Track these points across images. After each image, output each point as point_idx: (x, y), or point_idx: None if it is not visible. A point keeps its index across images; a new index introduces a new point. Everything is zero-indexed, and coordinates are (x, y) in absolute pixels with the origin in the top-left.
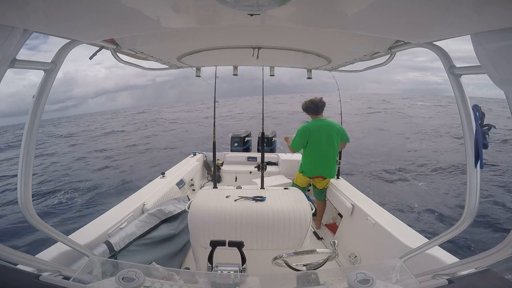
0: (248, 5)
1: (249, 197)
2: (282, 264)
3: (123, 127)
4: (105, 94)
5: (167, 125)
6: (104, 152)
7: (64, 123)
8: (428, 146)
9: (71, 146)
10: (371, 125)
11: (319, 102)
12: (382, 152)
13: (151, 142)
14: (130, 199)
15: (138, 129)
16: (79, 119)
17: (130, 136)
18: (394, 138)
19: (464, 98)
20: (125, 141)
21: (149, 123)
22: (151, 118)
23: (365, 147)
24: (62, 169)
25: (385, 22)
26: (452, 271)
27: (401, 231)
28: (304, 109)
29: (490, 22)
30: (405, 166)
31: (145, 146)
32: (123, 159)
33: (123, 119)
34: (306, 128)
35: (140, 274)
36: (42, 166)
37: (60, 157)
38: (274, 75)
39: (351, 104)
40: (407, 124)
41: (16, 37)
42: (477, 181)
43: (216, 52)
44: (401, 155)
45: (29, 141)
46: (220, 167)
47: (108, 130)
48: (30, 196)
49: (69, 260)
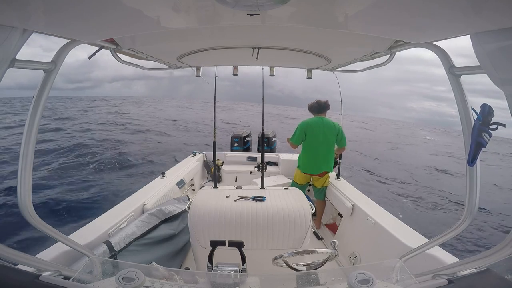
0: (247, 5)
1: (249, 197)
2: (282, 264)
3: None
4: (122, 80)
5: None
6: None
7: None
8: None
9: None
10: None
11: (324, 103)
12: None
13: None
14: (130, 199)
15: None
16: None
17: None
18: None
19: (464, 98)
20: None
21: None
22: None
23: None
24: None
25: (385, 22)
26: (452, 271)
27: (401, 231)
28: (309, 108)
29: (490, 22)
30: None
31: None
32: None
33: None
34: (305, 123)
35: (140, 274)
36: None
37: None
38: (274, 75)
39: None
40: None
41: (16, 37)
42: (477, 181)
43: (216, 52)
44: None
45: (29, 141)
46: (220, 167)
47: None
48: (30, 196)
49: (69, 260)
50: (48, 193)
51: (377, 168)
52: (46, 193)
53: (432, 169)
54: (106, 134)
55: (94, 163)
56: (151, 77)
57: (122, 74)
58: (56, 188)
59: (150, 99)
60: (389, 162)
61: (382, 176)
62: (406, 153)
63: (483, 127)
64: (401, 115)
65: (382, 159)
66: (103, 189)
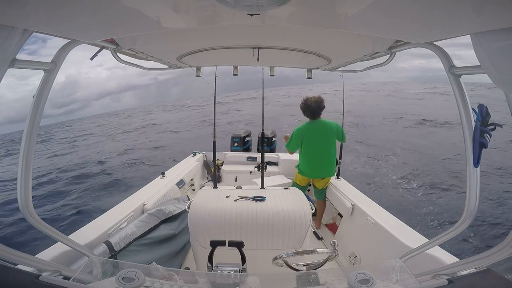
0: (248, 5)
1: (249, 197)
2: (282, 264)
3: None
4: (108, 96)
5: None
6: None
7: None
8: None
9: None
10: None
11: (315, 105)
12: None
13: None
14: (130, 199)
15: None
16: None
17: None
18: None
19: (464, 98)
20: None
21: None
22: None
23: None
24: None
25: (385, 22)
26: (452, 271)
27: (401, 231)
28: (302, 110)
29: (490, 22)
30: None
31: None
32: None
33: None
34: (300, 130)
35: (140, 274)
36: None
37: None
38: (274, 75)
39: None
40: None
41: (16, 37)
42: (477, 181)
43: (216, 52)
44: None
45: (29, 141)
46: (220, 167)
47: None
48: (30, 196)
49: (69, 260)
50: None
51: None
52: None
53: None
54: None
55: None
56: (137, 86)
57: (107, 89)
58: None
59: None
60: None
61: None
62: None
63: (483, 128)
64: (394, 76)
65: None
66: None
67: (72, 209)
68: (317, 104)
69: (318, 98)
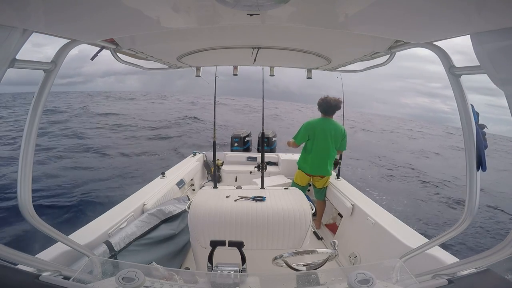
0: (247, 5)
1: (249, 197)
2: (282, 264)
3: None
4: (114, 75)
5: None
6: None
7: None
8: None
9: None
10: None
11: (334, 103)
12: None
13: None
14: (130, 199)
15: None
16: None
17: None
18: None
19: (464, 99)
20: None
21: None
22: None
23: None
24: None
25: (385, 22)
26: (452, 271)
27: (401, 231)
28: (318, 105)
29: (490, 22)
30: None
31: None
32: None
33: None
34: (311, 124)
35: (140, 274)
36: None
37: None
38: (274, 75)
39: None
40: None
41: (16, 37)
42: (477, 181)
43: (216, 52)
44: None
45: (29, 141)
46: (220, 167)
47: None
48: (30, 196)
49: (69, 260)
50: None
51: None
52: None
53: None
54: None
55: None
56: (145, 71)
57: (114, 68)
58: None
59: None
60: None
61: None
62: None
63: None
64: (395, 111)
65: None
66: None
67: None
68: (336, 102)
69: (338, 99)
